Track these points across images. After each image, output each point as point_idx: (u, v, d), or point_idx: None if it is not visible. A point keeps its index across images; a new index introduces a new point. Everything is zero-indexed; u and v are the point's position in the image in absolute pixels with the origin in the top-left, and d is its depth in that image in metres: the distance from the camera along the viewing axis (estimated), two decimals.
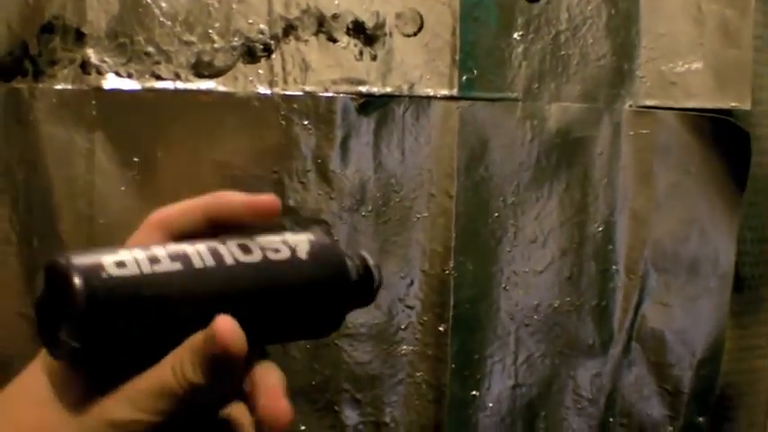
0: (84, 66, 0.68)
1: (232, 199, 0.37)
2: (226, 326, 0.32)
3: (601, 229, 0.79)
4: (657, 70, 0.79)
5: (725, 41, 0.79)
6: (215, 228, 0.37)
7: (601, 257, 0.79)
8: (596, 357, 0.81)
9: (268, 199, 0.37)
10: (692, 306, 0.82)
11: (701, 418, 0.83)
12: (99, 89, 0.69)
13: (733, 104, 0.79)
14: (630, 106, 0.78)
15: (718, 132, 0.80)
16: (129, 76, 0.69)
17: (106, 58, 0.69)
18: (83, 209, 0.70)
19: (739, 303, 0.86)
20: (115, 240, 0.70)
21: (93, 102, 0.69)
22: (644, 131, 0.79)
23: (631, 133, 0.79)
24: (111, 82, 0.69)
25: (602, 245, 0.79)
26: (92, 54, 0.68)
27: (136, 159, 0.70)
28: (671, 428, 0.83)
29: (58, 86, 0.68)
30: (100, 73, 0.69)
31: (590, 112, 0.77)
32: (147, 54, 0.69)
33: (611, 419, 0.82)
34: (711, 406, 0.84)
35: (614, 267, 0.80)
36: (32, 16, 0.67)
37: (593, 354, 0.81)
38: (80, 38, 0.68)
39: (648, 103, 0.79)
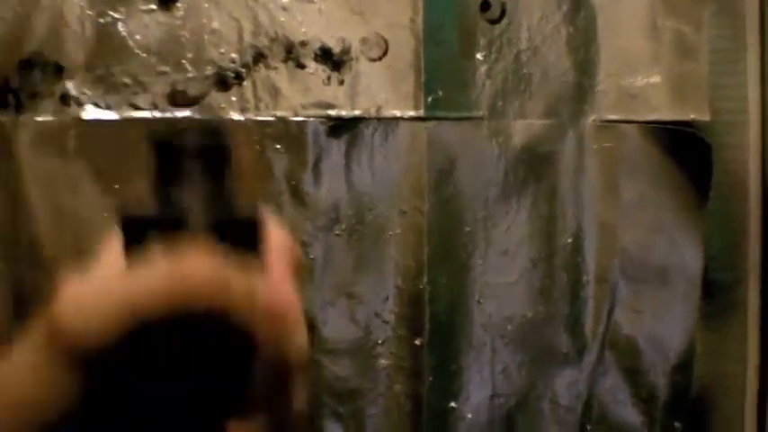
0: (64, 98, 0.72)
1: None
2: None
3: (570, 240, 0.82)
4: (618, 85, 0.82)
5: (681, 56, 0.83)
6: None
7: (571, 268, 0.82)
8: (571, 366, 0.83)
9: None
10: (663, 312, 0.85)
11: (676, 423, 0.86)
12: (79, 120, 0.72)
13: (692, 116, 0.83)
14: (594, 121, 0.82)
15: (681, 143, 0.83)
16: (108, 106, 0.72)
17: (85, 90, 0.72)
18: (67, 237, 0.72)
19: (710, 309, 0.88)
20: None
21: (74, 132, 0.72)
22: (608, 145, 0.82)
23: (595, 147, 0.82)
24: (90, 113, 0.72)
25: (571, 256, 0.82)
26: (71, 86, 0.72)
27: (117, 187, 0.73)
28: None
29: (40, 118, 0.71)
30: (79, 104, 0.72)
31: (554, 128, 0.81)
32: (125, 85, 0.72)
33: (588, 427, 0.84)
34: (687, 410, 0.86)
35: (585, 277, 0.83)
36: (12, 51, 0.71)
37: (569, 362, 0.83)
38: (59, 71, 0.72)
39: (611, 117, 0.82)
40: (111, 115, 0.73)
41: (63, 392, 0.30)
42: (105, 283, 0.30)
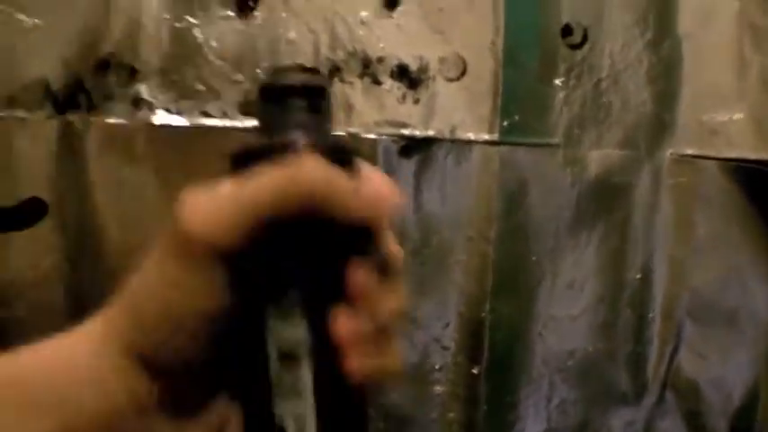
0: (136, 101, 0.71)
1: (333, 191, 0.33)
2: None
3: (638, 276, 0.80)
4: (698, 119, 0.80)
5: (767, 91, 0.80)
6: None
7: (637, 305, 0.80)
8: (630, 405, 0.81)
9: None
10: (729, 356, 0.83)
11: None
12: (149, 124, 0.71)
13: None
14: (671, 154, 0.79)
15: (760, 183, 0.80)
16: (179, 112, 0.71)
17: (158, 95, 0.71)
18: (132, 243, 0.72)
19: None
20: None
21: (144, 136, 0.71)
22: (684, 180, 0.80)
23: (671, 182, 0.79)
24: (161, 118, 0.71)
25: (639, 292, 0.80)
26: (144, 90, 0.71)
27: None
28: None
29: (111, 120, 0.71)
30: (151, 109, 0.71)
31: (630, 160, 0.78)
32: (197, 91, 0.72)
33: None
34: None
35: (651, 315, 0.81)
36: (88, 53, 0.70)
37: (627, 401, 0.81)
38: (133, 74, 0.71)
39: (689, 151, 0.80)
40: (181, 121, 0.72)
41: (207, 292, 0.33)
42: (226, 190, 0.33)
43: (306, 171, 0.32)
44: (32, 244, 0.71)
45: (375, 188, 0.34)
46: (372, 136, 0.74)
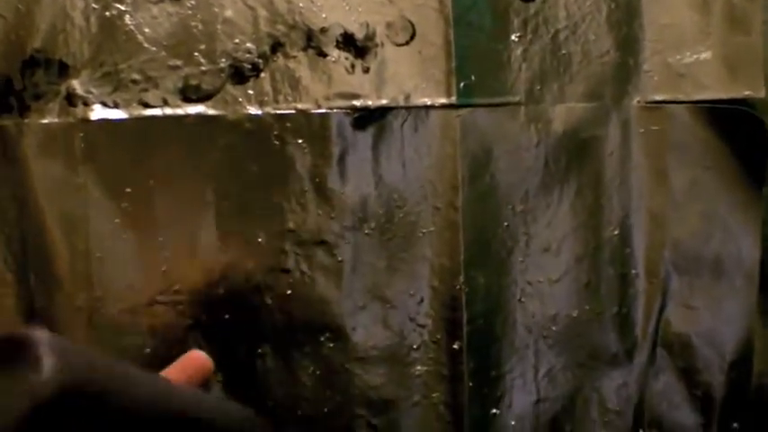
0: (70, 98, 0.69)
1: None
2: None
3: (617, 232, 0.78)
4: (664, 63, 0.77)
5: (733, 28, 0.78)
6: None
7: (618, 262, 0.78)
8: (621, 367, 0.79)
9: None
10: (718, 307, 0.81)
11: (735, 424, 0.81)
12: (86, 120, 0.69)
13: (746, 93, 0.78)
14: (639, 102, 0.77)
15: (734, 123, 0.79)
16: (116, 105, 0.69)
17: (92, 89, 0.69)
18: (78, 244, 0.70)
19: None
20: (112, 274, 0.70)
21: (81, 134, 0.69)
22: (655, 128, 0.78)
23: (642, 130, 0.77)
24: (97, 113, 0.69)
25: (619, 249, 0.78)
26: (77, 85, 0.69)
27: (128, 190, 0.70)
28: None
29: (45, 120, 0.68)
30: (86, 104, 0.69)
31: (597, 111, 0.76)
32: (134, 81, 0.69)
33: (640, 431, 0.80)
34: (745, 410, 0.82)
35: (634, 271, 0.79)
36: (14, 52, 0.68)
37: (618, 363, 0.79)
38: (64, 70, 0.68)
39: (657, 97, 0.78)
40: (120, 114, 0.69)
41: None
42: None
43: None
44: None
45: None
46: (324, 111, 0.71)
